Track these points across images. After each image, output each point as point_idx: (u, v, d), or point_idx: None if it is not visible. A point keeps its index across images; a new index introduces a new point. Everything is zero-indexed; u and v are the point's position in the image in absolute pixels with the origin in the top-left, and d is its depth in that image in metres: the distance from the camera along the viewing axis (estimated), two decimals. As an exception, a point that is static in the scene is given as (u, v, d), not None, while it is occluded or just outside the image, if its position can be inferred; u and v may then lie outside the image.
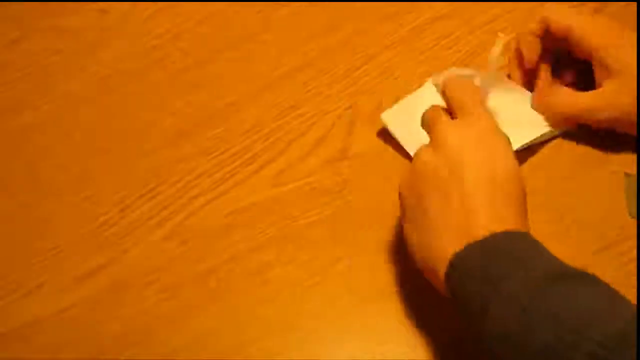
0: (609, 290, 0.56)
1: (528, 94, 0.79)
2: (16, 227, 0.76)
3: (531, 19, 0.85)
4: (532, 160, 0.78)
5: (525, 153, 0.77)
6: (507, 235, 0.60)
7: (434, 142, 0.66)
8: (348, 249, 0.74)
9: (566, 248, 0.69)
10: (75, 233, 0.75)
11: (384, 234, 0.74)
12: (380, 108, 0.81)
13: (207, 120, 0.82)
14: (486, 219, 0.61)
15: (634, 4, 0.84)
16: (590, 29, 0.75)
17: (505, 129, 0.67)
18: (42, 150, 0.81)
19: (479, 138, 0.65)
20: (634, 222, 0.74)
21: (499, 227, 0.60)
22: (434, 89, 0.78)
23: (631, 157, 0.76)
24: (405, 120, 0.77)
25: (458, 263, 0.60)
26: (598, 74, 0.75)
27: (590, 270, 0.57)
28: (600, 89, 0.75)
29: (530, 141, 0.77)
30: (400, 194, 0.66)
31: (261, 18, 0.89)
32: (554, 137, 0.78)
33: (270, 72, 0.85)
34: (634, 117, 0.73)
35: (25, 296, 0.72)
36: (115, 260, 0.74)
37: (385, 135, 0.79)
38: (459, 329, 0.69)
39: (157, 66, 0.86)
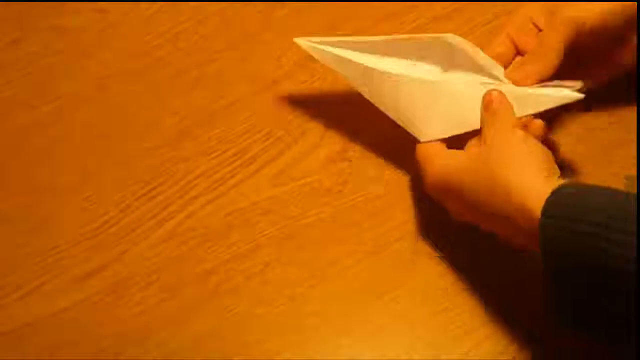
0: None
1: None
2: (16, 227, 0.76)
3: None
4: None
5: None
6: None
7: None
8: (348, 249, 0.74)
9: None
10: (75, 233, 0.75)
11: (384, 234, 0.74)
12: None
13: (207, 120, 0.82)
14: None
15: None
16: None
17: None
18: (42, 151, 0.81)
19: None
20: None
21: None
22: None
23: (631, 159, 0.76)
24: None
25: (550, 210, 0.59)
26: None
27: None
28: None
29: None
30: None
31: (261, 18, 0.88)
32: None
33: (271, 72, 0.84)
34: None
35: (25, 296, 0.72)
36: (115, 260, 0.74)
37: (385, 135, 0.79)
38: (460, 327, 0.70)
39: (157, 66, 0.86)
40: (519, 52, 0.75)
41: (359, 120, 0.81)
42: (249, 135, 0.81)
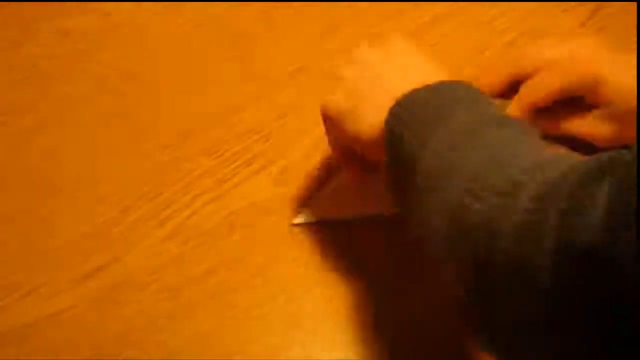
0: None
1: None
2: (16, 227, 0.76)
3: (531, 19, 0.86)
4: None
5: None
6: (448, 82, 0.62)
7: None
8: (348, 249, 0.74)
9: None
10: (76, 233, 0.76)
11: (384, 233, 0.74)
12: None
13: (207, 120, 0.82)
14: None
15: (634, 4, 0.84)
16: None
17: None
18: (44, 151, 0.81)
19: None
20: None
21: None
22: None
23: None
24: None
25: (398, 109, 0.61)
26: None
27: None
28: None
29: None
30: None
31: (262, 18, 0.89)
32: None
33: (271, 72, 0.85)
34: None
35: (25, 296, 0.72)
36: (115, 260, 0.74)
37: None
38: (462, 329, 0.70)
39: (158, 67, 0.86)
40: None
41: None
42: (249, 136, 0.81)
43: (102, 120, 0.83)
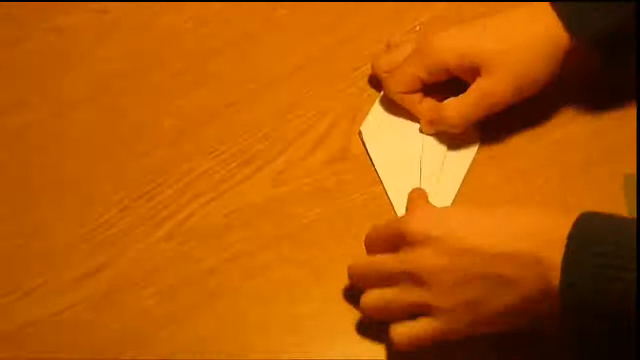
0: None
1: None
2: (15, 227, 0.76)
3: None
4: (532, 160, 0.78)
5: (524, 153, 0.78)
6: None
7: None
8: (348, 249, 0.74)
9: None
10: (75, 233, 0.75)
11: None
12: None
13: (206, 120, 0.82)
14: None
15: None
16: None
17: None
18: (41, 150, 0.81)
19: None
20: (634, 222, 0.74)
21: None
22: None
23: (631, 157, 0.76)
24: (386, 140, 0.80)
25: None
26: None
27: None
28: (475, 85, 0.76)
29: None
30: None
31: (261, 18, 0.89)
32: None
33: (270, 71, 0.85)
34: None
35: (24, 297, 0.72)
36: (114, 260, 0.74)
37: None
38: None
39: (157, 66, 0.86)
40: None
41: (358, 119, 0.81)
42: (249, 136, 0.81)
43: (100, 119, 0.83)
